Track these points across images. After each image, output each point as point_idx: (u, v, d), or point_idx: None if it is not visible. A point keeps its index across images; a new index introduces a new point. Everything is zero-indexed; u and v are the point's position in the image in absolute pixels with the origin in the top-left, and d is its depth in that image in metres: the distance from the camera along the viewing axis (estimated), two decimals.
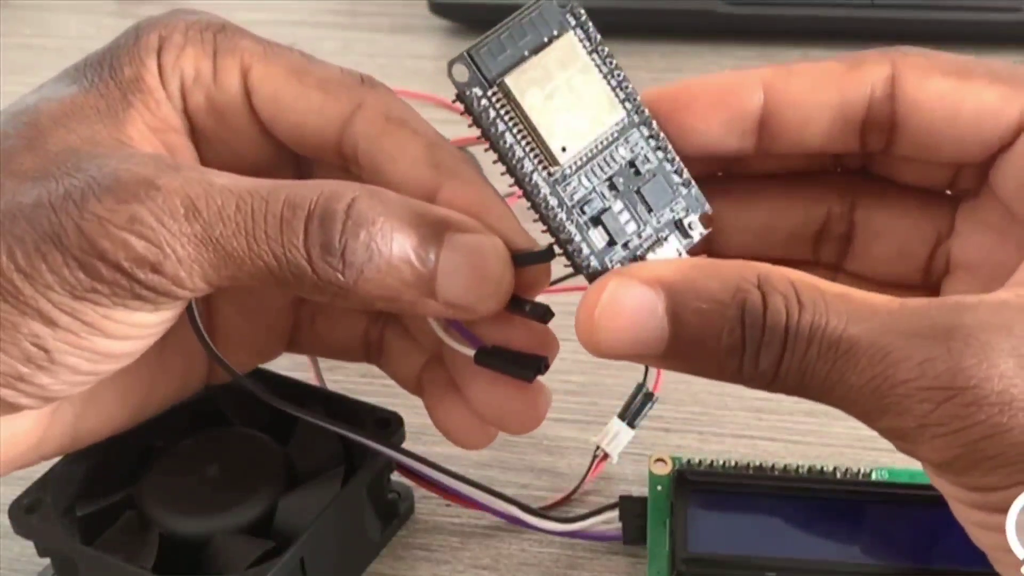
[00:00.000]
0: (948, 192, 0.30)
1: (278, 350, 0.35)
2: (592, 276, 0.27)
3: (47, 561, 0.33)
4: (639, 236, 0.28)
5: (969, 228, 0.30)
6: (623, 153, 0.28)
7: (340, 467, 0.34)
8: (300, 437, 0.35)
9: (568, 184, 0.27)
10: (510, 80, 0.26)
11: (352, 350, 0.35)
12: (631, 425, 0.37)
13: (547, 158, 0.27)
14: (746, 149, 0.29)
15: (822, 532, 0.33)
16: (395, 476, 0.36)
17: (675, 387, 0.41)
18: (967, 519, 0.26)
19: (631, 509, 0.34)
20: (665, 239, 0.28)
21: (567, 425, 0.40)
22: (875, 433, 0.38)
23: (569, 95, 0.27)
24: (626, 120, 0.28)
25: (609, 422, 0.37)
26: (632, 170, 0.28)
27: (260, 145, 0.31)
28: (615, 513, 0.35)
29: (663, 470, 0.34)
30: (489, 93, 0.26)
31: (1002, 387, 0.23)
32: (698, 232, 0.28)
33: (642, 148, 0.28)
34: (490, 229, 0.28)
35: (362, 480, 0.34)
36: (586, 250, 0.27)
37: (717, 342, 0.25)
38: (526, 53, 0.27)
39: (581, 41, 0.27)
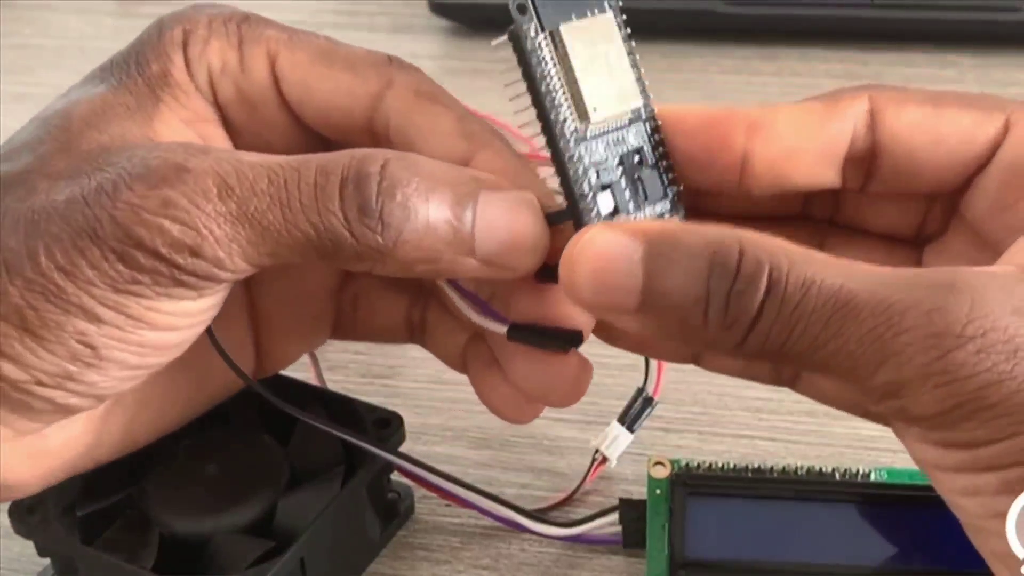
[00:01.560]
0: (916, 236, 0.31)
1: (322, 338, 0.35)
2: None
3: (47, 561, 0.34)
4: (634, 219, 0.28)
5: (937, 262, 0.30)
6: (632, 139, 0.28)
7: (340, 467, 0.34)
8: (300, 437, 0.35)
9: (589, 145, 0.28)
10: (564, 29, 0.27)
11: (395, 332, 0.35)
12: (630, 429, 0.37)
13: (580, 113, 0.27)
14: (729, 183, 0.29)
15: (821, 534, 0.33)
16: (395, 476, 0.36)
17: (675, 387, 0.41)
18: (951, 488, 0.25)
19: (631, 512, 0.34)
20: None
21: (567, 425, 0.40)
22: (875, 433, 0.39)
23: (606, 66, 0.28)
24: (640, 111, 0.29)
25: (608, 425, 0.37)
26: (637, 157, 0.28)
27: (290, 133, 0.32)
28: (615, 515, 0.35)
29: (661, 473, 0.34)
30: (543, 36, 0.27)
31: (1008, 337, 0.23)
32: None
33: (645, 142, 0.29)
34: (531, 188, 0.28)
35: (362, 480, 0.34)
36: (595, 211, 0.27)
37: (684, 292, 0.25)
38: (573, 16, 0.27)
39: (618, 26, 0.28)
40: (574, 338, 0.30)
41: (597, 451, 0.37)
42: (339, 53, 0.31)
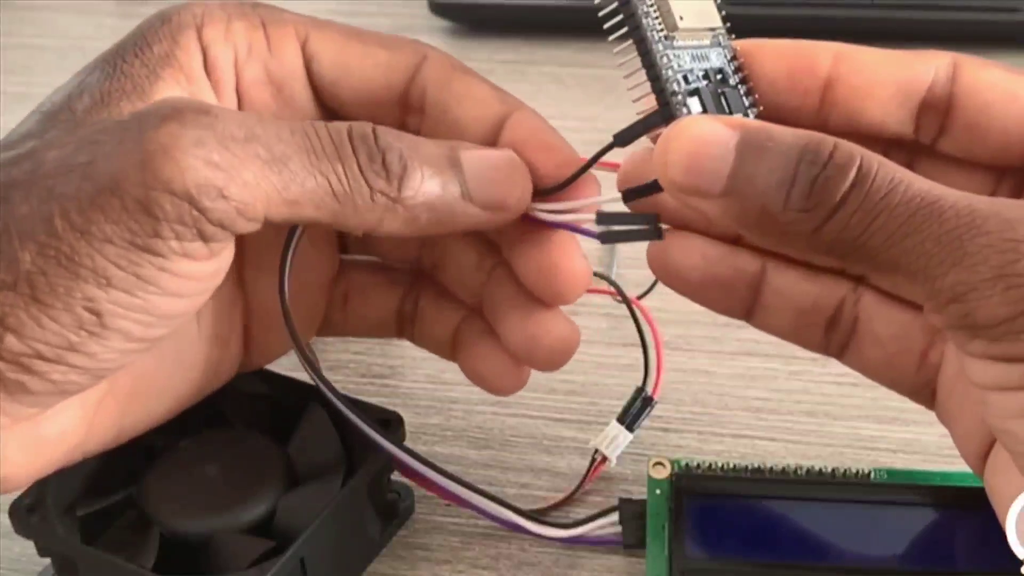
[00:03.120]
0: None
1: (311, 333, 0.36)
2: None
3: (47, 561, 0.33)
4: None
5: None
6: (715, 59, 0.30)
7: (340, 467, 0.34)
8: (300, 437, 0.35)
9: (677, 52, 0.29)
10: None
11: (385, 326, 0.36)
12: (630, 429, 0.37)
13: (668, 23, 0.29)
14: (807, 108, 0.30)
15: (821, 534, 0.33)
16: (395, 476, 0.36)
17: (675, 387, 0.41)
18: (1009, 410, 0.26)
19: (631, 512, 0.34)
20: None
21: (567, 425, 0.40)
22: (875, 433, 0.39)
23: None
24: (719, 36, 0.30)
25: (608, 425, 0.37)
26: (719, 76, 0.30)
27: (310, 115, 0.32)
28: (615, 515, 0.35)
29: (662, 473, 0.34)
30: None
31: None
32: None
33: (726, 65, 0.30)
34: (556, 150, 0.31)
35: (362, 480, 0.34)
36: (686, 110, 0.28)
37: (770, 176, 0.25)
38: None
39: None
40: (655, 218, 0.31)
41: (596, 451, 0.37)
42: (368, 33, 0.32)
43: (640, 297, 0.37)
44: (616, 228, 0.30)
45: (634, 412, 0.37)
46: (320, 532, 0.32)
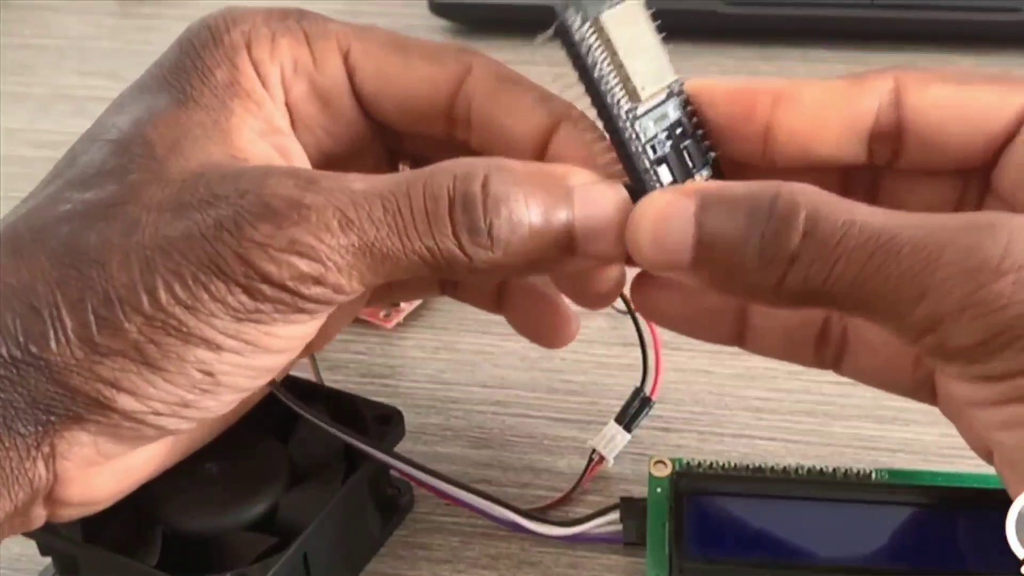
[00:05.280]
0: None
1: (362, 304, 0.36)
2: None
3: (48, 560, 0.34)
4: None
5: None
6: (672, 113, 0.30)
7: (341, 464, 0.34)
8: (301, 435, 0.35)
9: (642, 123, 0.29)
10: (605, 17, 0.28)
11: (428, 287, 0.37)
12: (628, 429, 0.37)
13: (630, 93, 0.29)
14: (755, 152, 0.30)
15: (821, 534, 0.33)
16: (395, 472, 0.36)
17: (675, 387, 0.41)
18: (990, 424, 0.26)
19: (631, 511, 0.34)
20: None
21: (567, 425, 0.40)
22: (875, 433, 0.39)
23: (642, 47, 0.29)
24: (673, 86, 0.30)
25: (606, 425, 0.37)
26: (679, 129, 0.30)
27: (357, 126, 0.32)
28: (615, 514, 0.35)
29: (663, 472, 0.34)
30: (587, 25, 0.28)
31: None
32: None
33: (682, 114, 0.30)
34: (601, 170, 0.29)
35: (363, 476, 0.34)
36: (656, 184, 0.29)
37: (726, 236, 0.26)
38: (607, 5, 0.29)
39: (644, 8, 0.29)
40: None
41: (594, 451, 0.37)
42: (411, 43, 0.32)
43: None
44: None
45: (632, 412, 0.37)
46: (322, 528, 0.32)
